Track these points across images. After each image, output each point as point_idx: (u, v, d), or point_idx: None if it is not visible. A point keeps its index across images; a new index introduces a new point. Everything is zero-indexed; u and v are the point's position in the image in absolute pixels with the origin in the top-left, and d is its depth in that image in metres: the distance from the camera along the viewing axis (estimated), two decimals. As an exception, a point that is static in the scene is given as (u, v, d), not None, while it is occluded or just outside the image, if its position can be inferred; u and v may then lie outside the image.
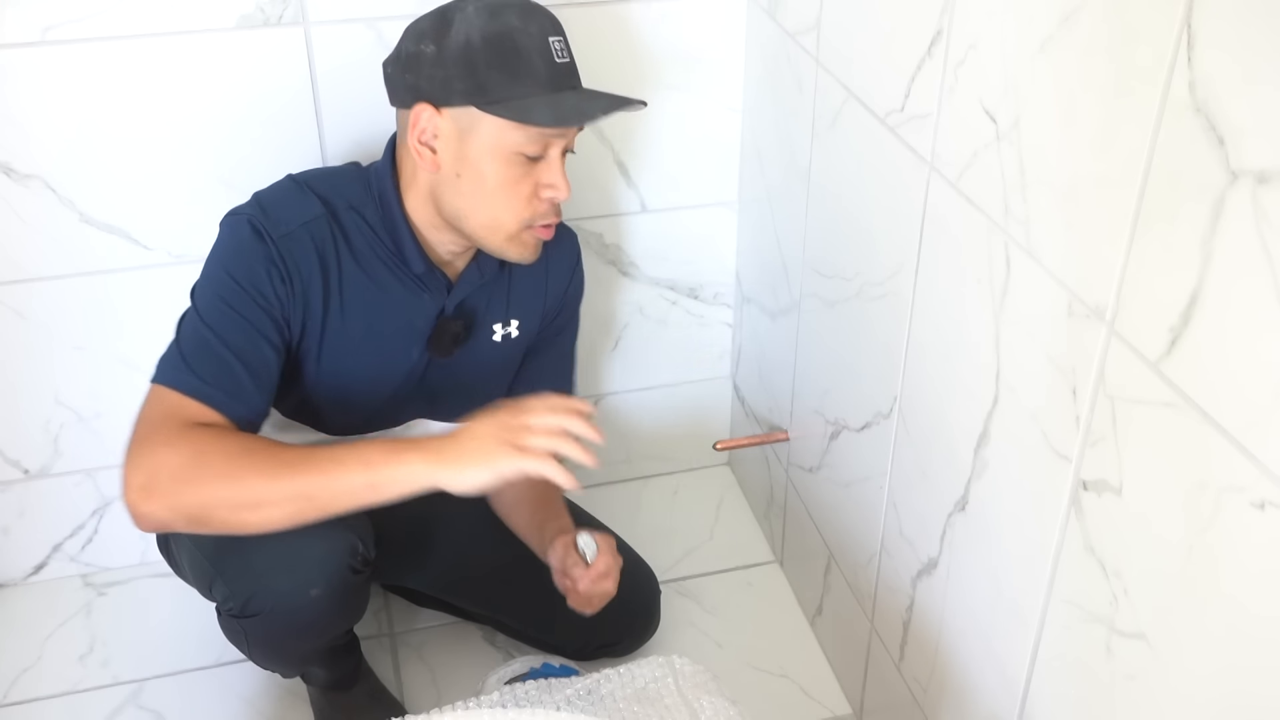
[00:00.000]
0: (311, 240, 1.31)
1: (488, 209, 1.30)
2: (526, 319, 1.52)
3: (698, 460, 2.07)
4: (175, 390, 1.23)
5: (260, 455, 1.18)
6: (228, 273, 1.28)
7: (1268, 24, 0.73)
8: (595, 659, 1.65)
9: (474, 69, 1.24)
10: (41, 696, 1.66)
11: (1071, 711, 1.07)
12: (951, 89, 1.12)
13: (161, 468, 1.16)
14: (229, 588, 1.31)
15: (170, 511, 1.16)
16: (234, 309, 1.26)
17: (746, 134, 1.76)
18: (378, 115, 1.60)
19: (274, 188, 1.35)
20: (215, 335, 1.25)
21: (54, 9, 1.45)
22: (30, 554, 1.82)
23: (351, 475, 1.17)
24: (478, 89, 1.24)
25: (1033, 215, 1.01)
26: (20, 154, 1.53)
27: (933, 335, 1.24)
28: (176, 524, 1.18)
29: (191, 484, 1.16)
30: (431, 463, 1.16)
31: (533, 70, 1.25)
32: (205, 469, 1.16)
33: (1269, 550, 0.79)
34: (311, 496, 1.17)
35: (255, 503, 1.17)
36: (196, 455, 1.17)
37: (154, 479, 1.16)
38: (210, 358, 1.24)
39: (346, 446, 1.19)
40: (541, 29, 1.27)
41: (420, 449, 1.17)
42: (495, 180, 1.28)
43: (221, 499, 1.17)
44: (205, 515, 1.17)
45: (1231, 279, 0.79)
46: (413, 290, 1.38)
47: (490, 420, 1.19)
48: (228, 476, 1.16)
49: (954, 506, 1.24)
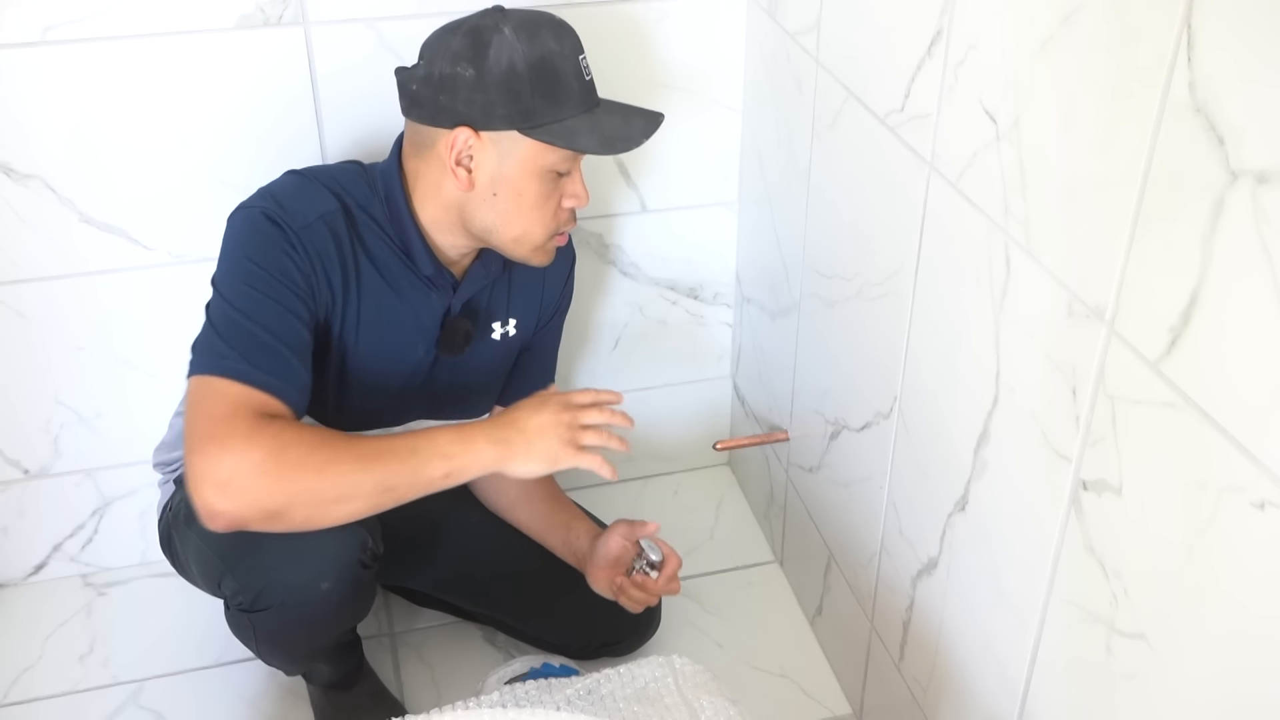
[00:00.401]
0: (330, 232, 1.31)
1: (521, 224, 1.33)
2: (525, 318, 1.53)
3: (698, 460, 2.07)
4: (227, 379, 1.20)
5: (340, 449, 1.18)
6: (251, 259, 1.27)
7: (1268, 24, 0.73)
8: (595, 659, 1.65)
9: (518, 95, 1.26)
10: (41, 696, 1.66)
11: (1071, 711, 1.07)
12: (951, 89, 1.12)
13: (242, 465, 1.14)
14: (239, 582, 1.31)
15: (251, 508, 1.15)
16: (263, 293, 1.25)
17: (746, 134, 1.76)
18: (377, 115, 1.61)
19: (283, 182, 1.35)
20: (251, 321, 1.24)
21: (54, 9, 1.45)
22: (30, 554, 1.82)
23: (431, 465, 1.21)
24: (522, 115, 1.26)
25: (1033, 215, 1.01)
26: (20, 154, 1.53)
27: (933, 335, 1.24)
28: (254, 521, 1.16)
29: (276, 481, 1.15)
30: (500, 453, 1.24)
31: (570, 93, 1.28)
32: (289, 465, 1.15)
33: (1269, 550, 0.79)
34: (393, 488, 1.20)
35: (340, 497, 1.18)
36: (278, 451, 1.15)
37: (235, 477, 1.14)
38: (253, 343, 1.23)
39: (420, 436, 1.22)
40: (573, 48, 1.30)
41: (488, 438, 1.24)
42: (532, 198, 1.31)
43: (307, 495, 1.16)
44: (287, 511, 1.16)
45: (1231, 279, 0.79)
46: (421, 289, 1.39)
47: (546, 412, 1.27)
48: (313, 472, 1.16)
49: (954, 506, 1.24)
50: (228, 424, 1.16)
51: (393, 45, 1.57)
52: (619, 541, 1.53)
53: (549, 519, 1.64)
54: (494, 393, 1.60)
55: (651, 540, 1.52)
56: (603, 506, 1.74)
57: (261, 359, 1.22)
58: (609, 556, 1.54)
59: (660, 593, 1.53)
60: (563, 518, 1.64)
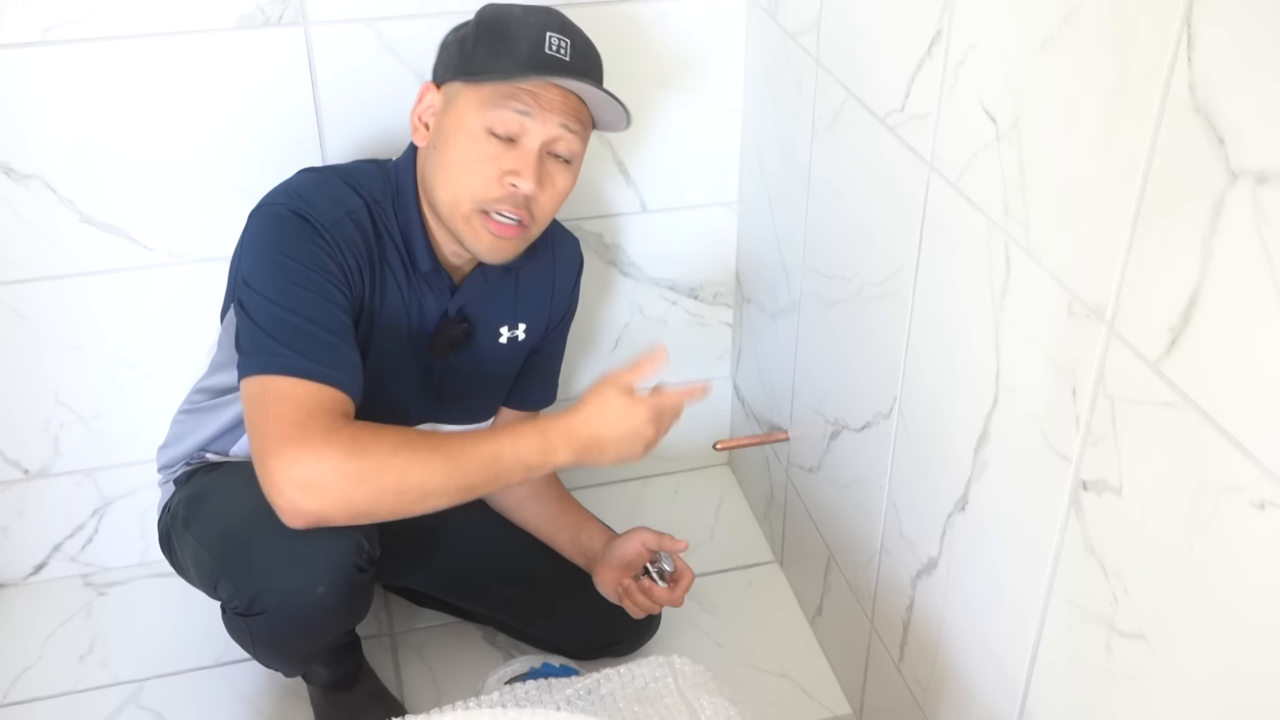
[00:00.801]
0: (357, 229, 1.31)
1: (450, 182, 1.30)
2: (534, 322, 1.53)
3: (698, 460, 2.07)
4: (287, 376, 1.20)
5: (424, 449, 1.20)
6: (286, 255, 1.26)
7: (1268, 24, 0.73)
8: (595, 659, 1.65)
9: (464, 46, 1.30)
10: (41, 696, 1.66)
11: (1071, 711, 1.07)
12: (951, 89, 1.12)
13: (326, 466, 1.15)
14: (234, 585, 1.30)
15: (337, 508, 1.17)
16: (304, 287, 1.25)
17: (746, 134, 1.76)
18: (378, 115, 1.61)
19: (304, 179, 1.35)
20: (297, 315, 1.24)
21: (54, 9, 1.45)
22: (30, 554, 1.82)
23: (513, 473, 1.23)
24: (464, 64, 1.29)
25: (1033, 215, 1.01)
26: (20, 154, 1.53)
27: (933, 335, 1.24)
28: (338, 519, 1.18)
29: (359, 483, 1.16)
30: (579, 461, 1.26)
31: (515, 51, 1.28)
32: (372, 467, 1.17)
33: (1269, 550, 0.79)
34: (475, 488, 1.22)
35: (423, 495, 1.20)
36: (359, 453, 1.16)
37: (321, 478, 1.15)
38: (305, 338, 1.23)
39: (503, 441, 1.23)
40: (542, 23, 1.29)
41: (570, 449, 1.25)
42: (461, 153, 1.29)
43: (391, 496, 1.18)
44: (373, 509, 1.18)
45: (1231, 279, 0.79)
46: (420, 289, 1.39)
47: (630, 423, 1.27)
48: (395, 474, 1.18)
49: (954, 506, 1.23)
50: (301, 426, 1.17)
51: (393, 45, 1.57)
52: (637, 546, 1.53)
53: (558, 518, 1.65)
54: (500, 394, 1.60)
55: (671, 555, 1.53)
56: (603, 506, 1.74)
57: (315, 352, 1.22)
58: (623, 559, 1.54)
59: (664, 603, 1.53)
60: (573, 518, 1.64)
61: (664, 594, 1.52)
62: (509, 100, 1.27)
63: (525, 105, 1.27)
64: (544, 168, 1.31)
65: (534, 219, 1.33)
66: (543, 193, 1.31)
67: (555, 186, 1.33)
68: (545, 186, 1.31)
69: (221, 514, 1.36)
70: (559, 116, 1.29)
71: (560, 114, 1.29)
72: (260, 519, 1.31)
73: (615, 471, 2.02)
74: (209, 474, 1.44)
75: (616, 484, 2.03)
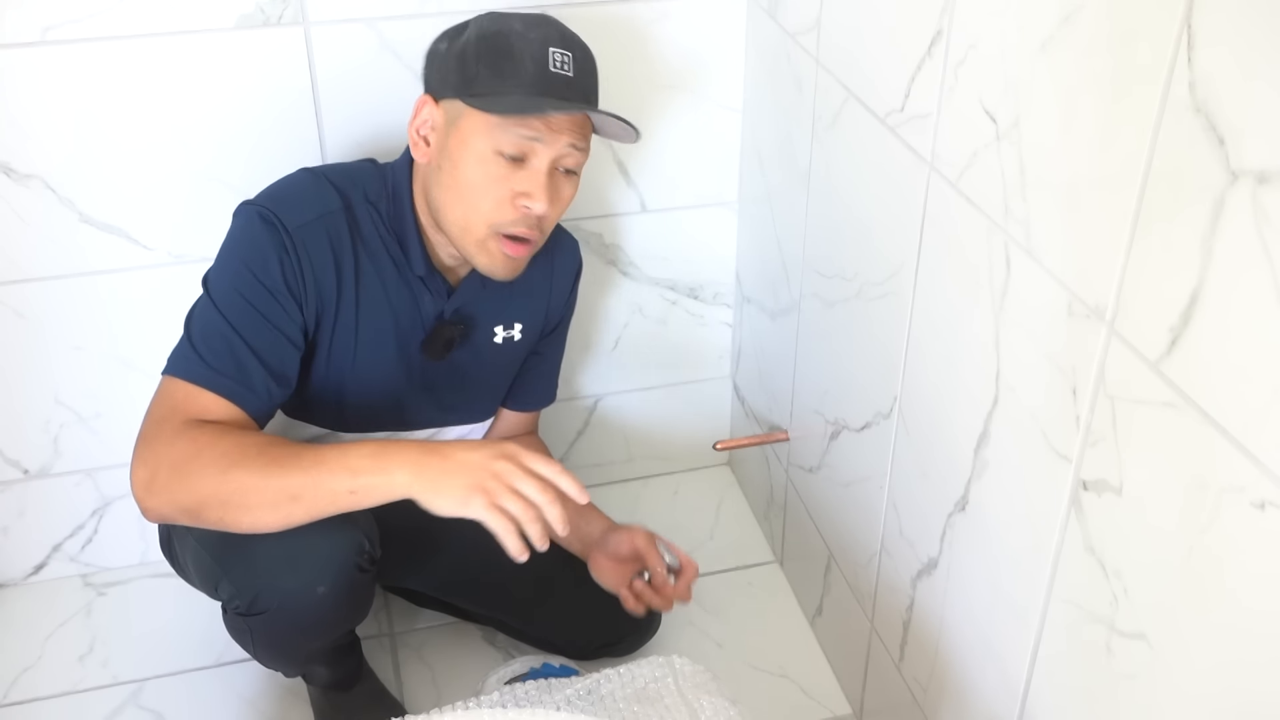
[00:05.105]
0: (326, 233, 1.31)
1: (460, 206, 1.30)
2: (530, 323, 1.53)
3: (698, 460, 2.07)
4: (185, 381, 1.24)
5: (252, 453, 1.17)
6: (243, 263, 1.28)
7: (1268, 24, 0.73)
8: (595, 659, 1.65)
9: (465, 63, 1.27)
10: (41, 696, 1.66)
11: (1072, 711, 1.07)
12: (951, 89, 1.12)
13: (162, 462, 1.18)
14: (235, 586, 1.31)
15: (169, 506, 1.19)
16: (249, 301, 1.27)
17: (746, 134, 1.76)
18: (378, 115, 1.61)
19: (289, 180, 1.36)
20: (229, 325, 1.26)
21: (54, 9, 1.45)
22: (30, 554, 1.82)
23: (336, 479, 1.17)
24: (465, 82, 1.27)
25: (1033, 215, 1.01)
26: (20, 154, 1.53)
27: (933, 335, 1.24)
28: (178, 518, 1.20)
29: (186, 479, 1.17)
30: (412, 479, 1.16)
31: (520, 71, 1.26)
32: (199, 465, 1.17)
33: (1269, 550, 0.79)
34: (297, 498, 1.17)
35: (243, 501, 1.17)
36: (193, 451, 1.18)
37: (155, 473, 1.18)
38: (222, 347, 1.25)
39: (336, 448, 1.19)
40: (543, 38, 1.27)
41: (405, 462, 1.16)
42: (470, 176, 1.28)
43: (212, 495, 1.17)
44: (200, 511, 1.18)
45: (1232, 279, 0.79)
46: (415, 290, 1.39)
47: (479, 455, 1.17)
48: (218, 473, 1.16)
49: (954, 506, 1.24)
50: (163, 424, 1.21)
51: (393, 45, 1.57)
52: (631, 546, 1.54)
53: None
54: (498, 395, 1.60)
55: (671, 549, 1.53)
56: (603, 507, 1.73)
57: (222, 362, 1.25)
58: (619, 552, 1.54)
59: (676, 598, 1.52)
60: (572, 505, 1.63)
61: (678, 589, 1.51)
62: (518, 125, 1.26)
63: (535, 131, 1.27)
64: (552, 183, 1.31)
65: (542, 233, 1.34)
66: (551, 208, 1.31)
67: (562, 199, 1.34)
68: (554, 202, 1.32)
69: None
70: (567, 136, 1.29)
71: (569, 134, 1.29)
72: None
73: (615, 471, 2.02)
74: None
75: (616, 484, 2.03)
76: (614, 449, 2.01)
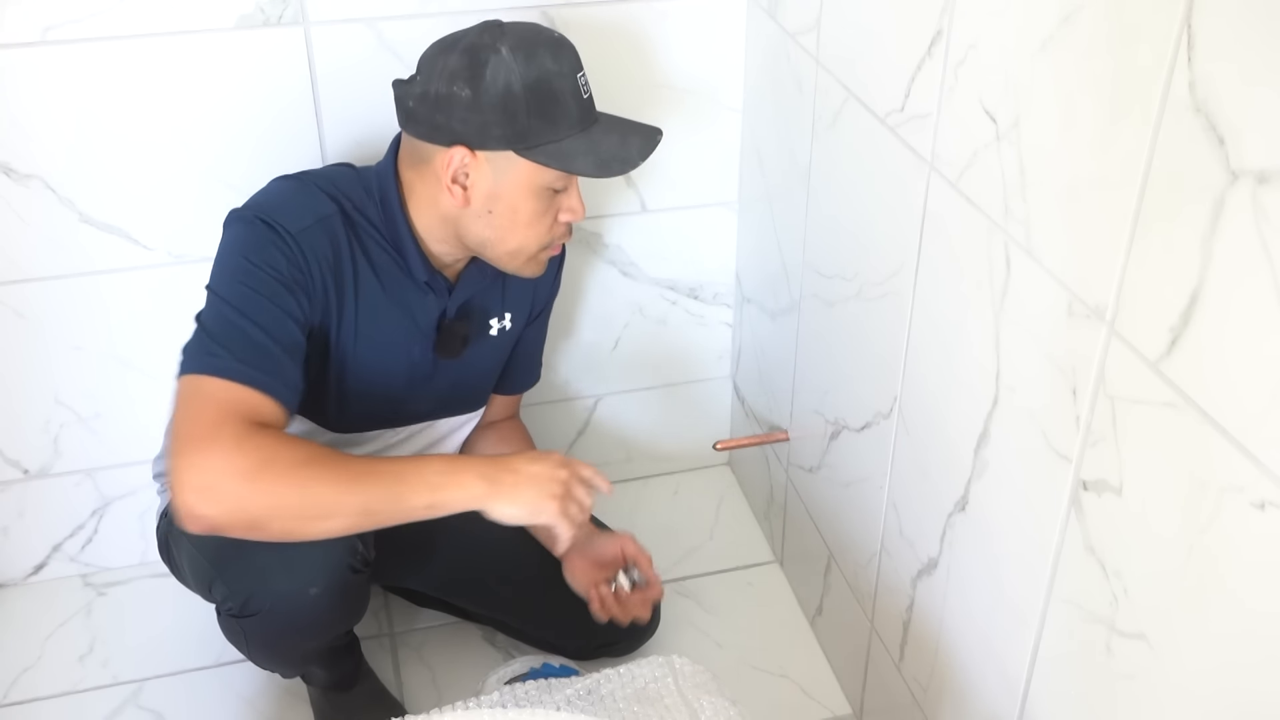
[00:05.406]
0: (326, 236, 1.31)
1: (516, 239, 1.34)
2: (518, 312, 1.55)
3: (698, 460, 2.07)
4: (215, 377, 1.19)
5: (328, 466, 1.17)
6: (247, 259, 1.26)
7: (1268, 24, 0.73)
8: (595, 659, 1.65)
9: (514, 117, 1.25)
10: (41, 696, 1.66)
11: (1072, 711, 1.07)
12: (951, 89, 1.12)
13: (225, 471, 1.13)
14: (228, 587, 1.30)
15: (230, 515, 1.14)
16: (258, 292, 1.25)
17: (746, 134, 1.76)
18: (377, 116, 1.60)
19: (276, 188, 1.35)
20: (244, 318, 1.23)
21: (54, 9, 1.45)
22: (30, 554, 1.82)
23: (416, 495, 1.19)
24: (517, 136, 1.26)
25: (1033, 215, 1.01)
26: (20, 154, 1.53)
27: (933, 335, 1.24)
28: (233, 528, 1.15)
29: (259, 491, 1.13)
30: (486, 491, 1.22)
31: (567, 113, 1.28)
32: (272, 475, 1.14)
33: (1269, 550, 0.79)
34: (374, 512, 1.19)
35: (320, 514, 1.17)
36: (265, 462, 1.14)
37: (217, 482, 1.13)
38: (244, 340, 1.22)
39: (410, 463, 1.22)
40: (572, 67, 1.29)
41: (478, 474, 1.22)
42: (527, 215, 1.32)
43: (288, 508, 1.15)
44: (266, 523, 1.15)
45: (1231, 279, 0.79)
46: (416, 292, 1.39)
47: (544, 464, 1.26)
48: (296, 486, 1.15)
49: (954, 506, 1.23)
50: (216, 428, 1.14)
51: (393, 45, 1.57)
52: (617, 550, 1.55)
53: None
54: (491, 384, 1.62)
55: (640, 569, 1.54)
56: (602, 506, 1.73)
57: (249, 355, 1.21)
58: (600, 555, 1.55)
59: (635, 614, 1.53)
60: None
61: (637, 605, 1.53)
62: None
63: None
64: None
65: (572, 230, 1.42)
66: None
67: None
68: None
69: None
70: None
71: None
72: None
73: (615, 471, 2.02)
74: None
75: (617, 484, 2.01)
76: (614, 449, 2.01)
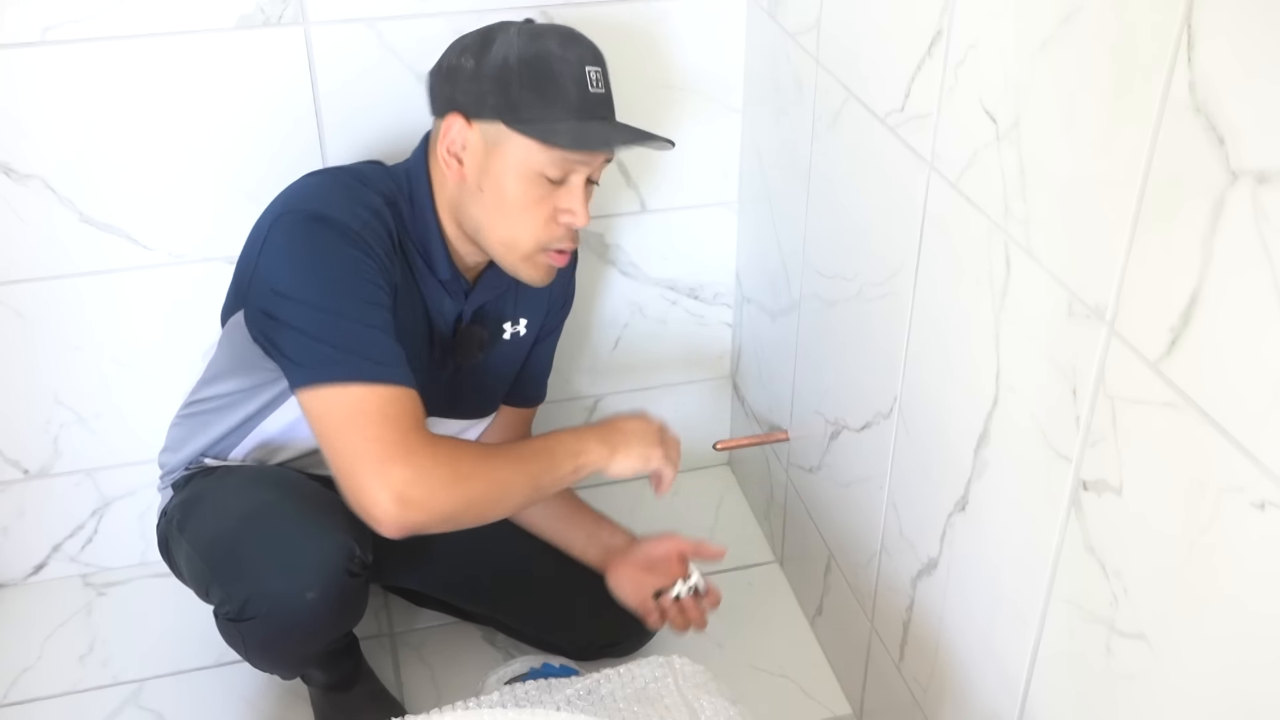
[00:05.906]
0: (383, 226, 1.30)
1: (505, 225, 1.32)
2: (533, 317, 1.55)
3: (698, 460, 2.07)
4: (355, 384, 1.20)
5: (495, 456, 1.28)
6: (321, 260, 1.25)
7: (1268, 23, 0.73)
8: (595, 659, 1.65)
9: (507, 87, 1.26)
10: (41, 696, 1.66)
11: (1071, 711, 1.07)
12: (951, 89, 1.12)
13: (429, 483, 1.19)
14: (225, 591, 1.30)
15: (436, 517, 1.21)
16: (345, 290, 1.24)
17: (746, 134, 1.76)
18: (378, 115, 1.61)
19: (319, 182, 1.33)
20: (346, 317, 1.23)
21: (54, 9, 1.45)
22: (30, 554, 1.82)
23: (565, 463, 1.31)
24: (508, 106, 1.27)
25: (1033, 215, 1.01)
26: (20, 154, 1.53)
27: (933, 335, 1.24)
28: (436, 527, 1.22)
29: (460, 492, 1.22)
30: (607, 451, 1.34)
31: (564, 95, 1.28)
32: (465, 472, 1.23)
33: (1269, 550, 0.79)
34: (540, 485, 1.30)
35: (504, 495, 1.28)
36: (455, 464, 1.22)
37: (425, 494, 1.19)
38: (359, 337, 1.22)
39: (548, 440, 1.33)
40: (580, 58, 1.29)
41: (598, 440, 1.34)
42: (515, 198, 1.30)
43: (481, 499, 1.25)
44: (462, 516, 1.24)
45: (1232, 279, 0.79)
46: (437, 291, 1.39)
47: (639, 421, 1.39)
48: (483, 479, 1.25)
49: (954, 506, 1.23)
50: (403, 444, 1.20)
51: (393, 45, 1.57)
52: (668, 548, 1.56)
53: (572, 517, 1.66)
54: (504, 390, 1.61)
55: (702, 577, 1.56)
56: (603, 507, 1.74)
57: (374, 350, 1.23)
58: (649, 558, 1.57)
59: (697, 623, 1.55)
60: (588, 516, 1.67)
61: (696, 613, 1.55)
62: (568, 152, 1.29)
63: (582, 155, 1.30)
64: (587, 196, 1.35)
65: (576, 241, 1.40)
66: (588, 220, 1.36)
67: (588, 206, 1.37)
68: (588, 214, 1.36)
69: (214, 518, 1.36)
70: (604, 155, 1.34)
71: (605, 152, 1.34)
72: (251, 523, 1.32)
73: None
74: (205, 478, 1.44)
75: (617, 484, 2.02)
76: (614, 449, 2.01)
